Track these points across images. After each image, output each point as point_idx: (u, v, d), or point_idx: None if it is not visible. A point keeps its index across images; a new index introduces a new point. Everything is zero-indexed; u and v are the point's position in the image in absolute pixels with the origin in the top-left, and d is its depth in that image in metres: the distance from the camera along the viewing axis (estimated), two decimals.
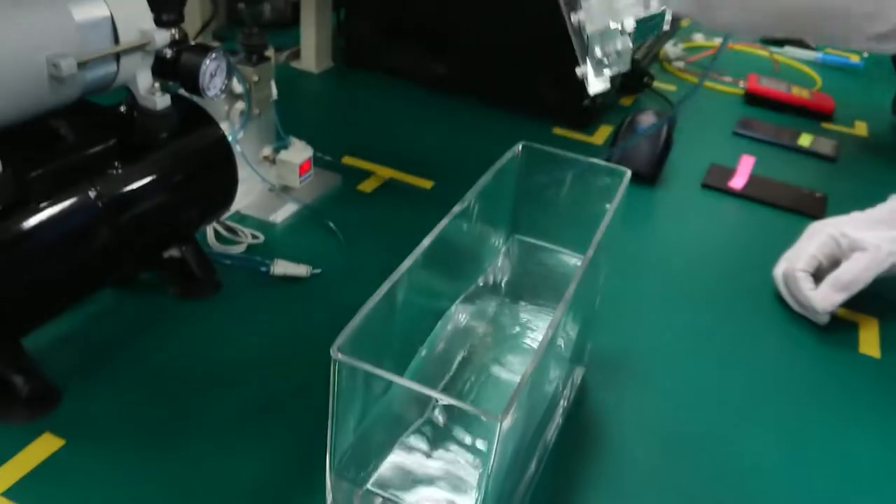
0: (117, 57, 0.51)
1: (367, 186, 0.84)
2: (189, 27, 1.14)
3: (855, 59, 1.43)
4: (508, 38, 1.03)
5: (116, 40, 0.51)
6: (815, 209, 0.89)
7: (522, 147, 0.55)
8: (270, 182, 0.79)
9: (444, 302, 0.55)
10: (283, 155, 0.78)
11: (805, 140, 1.06)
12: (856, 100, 1.26)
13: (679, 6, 0.23)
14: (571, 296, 0.42)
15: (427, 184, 0.86)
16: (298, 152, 0.78)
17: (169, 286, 0.65)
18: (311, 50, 1.12)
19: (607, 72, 0.39)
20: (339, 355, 0.33)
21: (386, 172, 0.87)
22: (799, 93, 1.18)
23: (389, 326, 0.42)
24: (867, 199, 0.76)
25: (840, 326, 0.70)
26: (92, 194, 0.52)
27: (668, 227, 0.86)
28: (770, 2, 0.23)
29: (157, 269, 0.65)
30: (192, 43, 0.60)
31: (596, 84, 0.49)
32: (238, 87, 0.73)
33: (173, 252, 0.64)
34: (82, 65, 0.48)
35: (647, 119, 0.91)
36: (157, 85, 0.55)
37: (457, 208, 0.49)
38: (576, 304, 0.45)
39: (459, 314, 0.56)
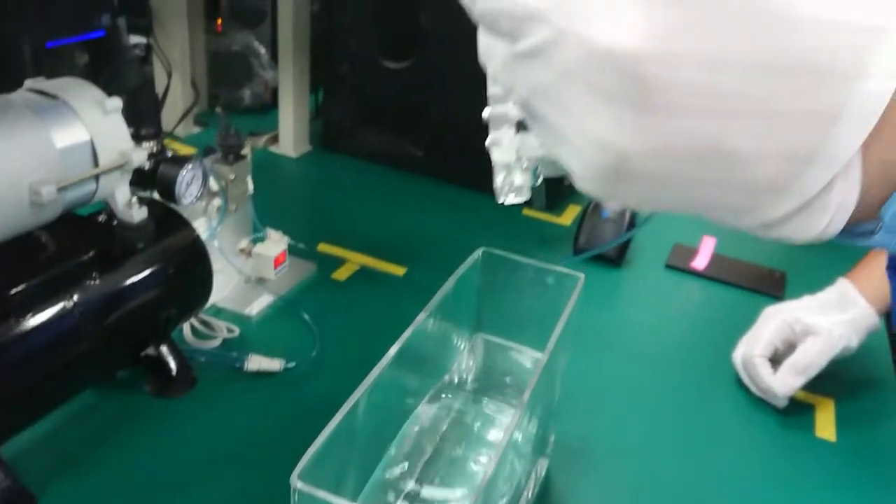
0: (97, 176, 0.54)
1: (342, 275, 0.87)
2: (172, 112, 1.18)
3: None
4: (478, 121, 1.07)
5: (96, 162, 0.54)
6: (775, 288, 0.92)
7: (482, 253, 0.58)
8: (246, 274, 0.81)
9: (411, 400, 0.58)
10: (258, 248, 0.80)
11: None
12: None
13: (584, 186, 0.25)
14: (527, 399, 0.44)
15: (400, 270, 0.88)
16: (274, 244, 0.81)
17: (145, 384, 0.66)
18: (289, 134, 1.16)
19: (507, 198, 0.39)
20: (299, 484, 0.35)
21: (360, 259, 0.90)
22: None
23: (352, 441, 0.44)
24: (824, 276, 0.80)
25: (798, 409, 0.73)
26: (70, 305, 0.54)
27: (632, 309, 0.89)
28: (668, 201, 0.25)
29: (133, 367, 0.67)
30: (170, 154, 0.63)
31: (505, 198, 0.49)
32: (215, 186, 0.76)
33: (149, 350, 0.66)
34: (63, 189, 0.51)
35: (611, 204, 0.95)
36: (134, 199, 0.58)
37: (421, 316, 0.52)
38: (536, 400, 0.48)
39: (425, 412, 0.58)
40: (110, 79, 1.14)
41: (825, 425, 0.71)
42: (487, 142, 0.33)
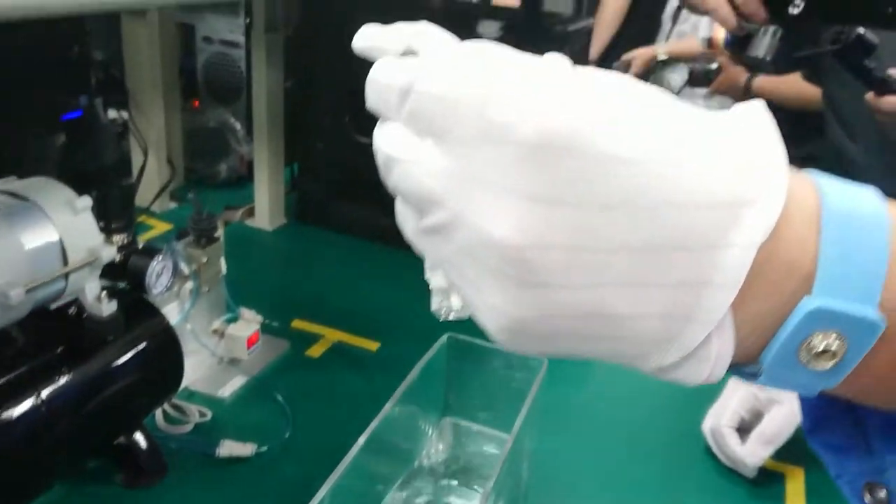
0: (66, 274, 0.55)
1: (315, 351, 0.88)
2: (148, 189, 1.20)
3: None
4: None
5: (65, 261, 0.55)
6: None
7: (447, 338, 0.59)
8: (219, 355, 0.82)
9: (381, 487, 0.58)
10: (231, 329, 0.81)
11: None
12: None
13: (493, 339, 0.28)
14: (492, 485, 0.45)
15: (373, 346, 0.89)
16: (247, 325, 0.82)
17: (116, 473, 0.66)
18: (265, 208, 1.18)
19: (448, 317, 0.41)
20: None
21: (334, 335, 0.91)
22: None
23: None
24: None
25: (768, 479, 0.74)
26: (38, 402, 0.55)
27: (600, 381, 0.90)
28: (569, 353, 0.27)
29: (104, 457, 0.67)
30: (139, 246, 0.65)
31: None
32: (186, 269, 0.77)
33: (121, 438, 0.66)
34: (32, 290, 0.51)
35: None
36: (103, 294, 0.59)
37: (388, 405, 0.53)
38: (502, 485, 0.48)
39: (395, 500, 0.58)
40: (87, 159, 1.16)
41: (795, 495, 0.72)
42: (426, 269, 0.35)
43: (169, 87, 1.20)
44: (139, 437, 0.66)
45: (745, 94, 1.77)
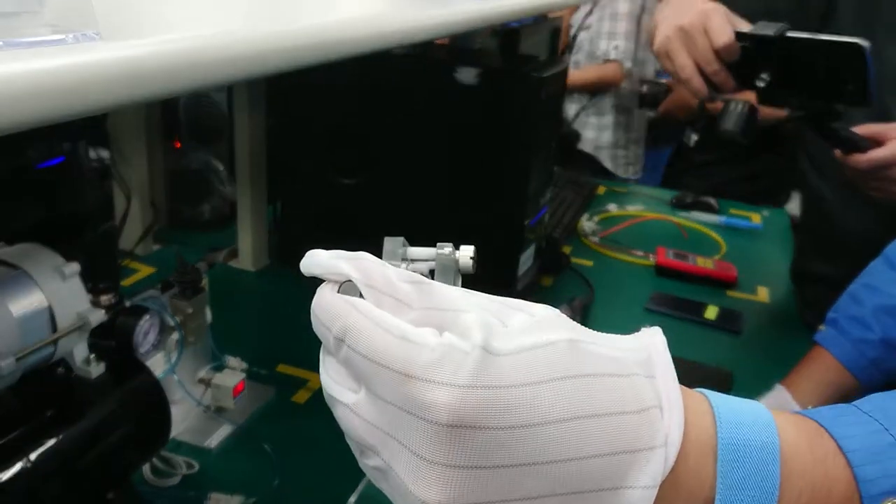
0: (55, 340, 0.56)
1: (301, 398, 0.89)
2: (132, 232, 1.20)
3: (756, 220, 1.57)
4: (433, 235, 1.11)
5: (54, 328, 0.55)
6: (722, 386, 0.96)
7: None
8: (205, 405, 0.82)
9: None
10: (217, 379, 0.82)
11: (711, 313, 1.14)
12: (757, 263, 1.37)
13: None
14: None
15: None
16: (232, 374, 0.83)
17: None
18: (248, 249, 1.18)
19: None
20: None
21: (319, 381, 0.91)
22: (703, 263, 1.28)
23: None
24: (770, 373, 0.83)
25: None
26: (28, 466, 0.55)
27: None
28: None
29: None
30: (127, 304, 0.65)
31: None
32: (171, 321, 0.78)
33: (111, 495, 0.66)
34: (21, 358, 0.52)
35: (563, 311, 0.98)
36: (92, 356, 0.60)
37: None
38: None
39: None
40: (70, 203, 1.16)
41: None
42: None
43: (151, 128, 1.21)
44: (125, 495, 0.66)
45: (699, 114, 1.81)
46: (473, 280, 0.35)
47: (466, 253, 0.36)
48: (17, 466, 0.55)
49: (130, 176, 1.17)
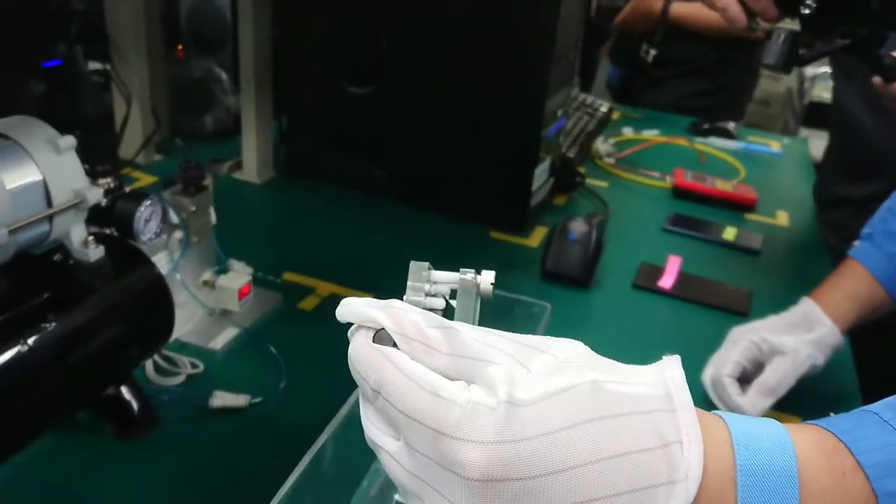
0: (51, 217, 0.53)
1: (308, 304, 0.86)
2: (132, 141, 1.16)
3: (775, 147, 1.52)
4: (446, 146, 1.07)
5: (49, 202, 0.52)
6: (741, 306, 0.93)
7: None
8: (210, 307, 0.80)
9: None
10: (221, 280, 0.79)
11: (730, 234, 1.11)
12: (777, 188, 1.33)
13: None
14: None
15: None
16: (237, 277, 0.80)
17: (106, 425, 0.65)
18: (253, 161, 1.15)
19: None
20: None
21: (326, 288, 0.89)
22: (723, 186, 1.25)
23: (321, 479, 0.43)
24: (789, 294, 0.80)
25: None
26: (25, 350, 0.53)
27: (600, 331, 0.89)
28: None
29: (93, 409, 0.65)
30: (127, 190, 0.62)
31: None
32: (175, 218, 0.75)
33: (110, 390, 0.64)
34: (14, 231, 0.49)
35: (577, 226, 0.95)
36: (90, 238, 0.56)
37: None
38: None
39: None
40: (68, 108, 1.12)
41: None
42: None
43: (152, 35, 1.15)
44: (128, 390, 0.64)
45: (661, 20, 1.75)
46: (487, 196, 0.34)
47: (487, 278, 0.38)
48: (14, 350, 0.52)
49: (131, 82, 1.13)
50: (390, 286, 0.44)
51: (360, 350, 0.33)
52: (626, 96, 1.88)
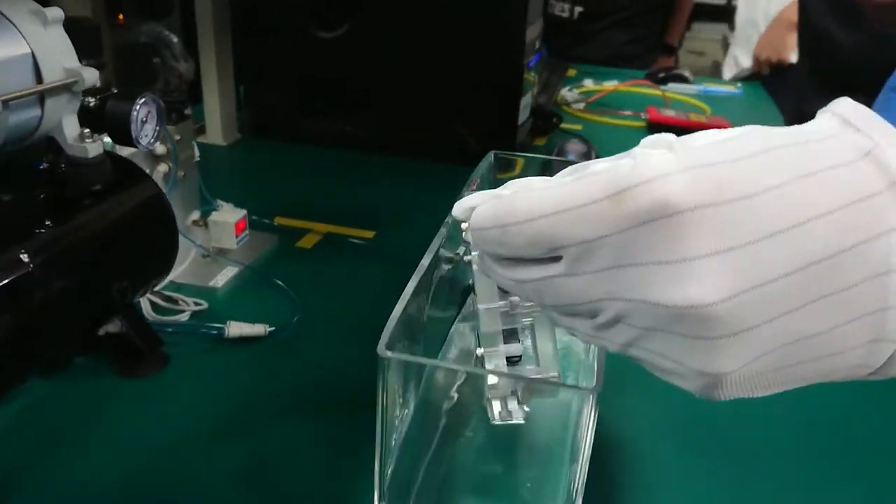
0: (41, 100, 0.46)
1: (307, 242, 0.80)
2: None
3: (732, 88, 1.53)
4: (427, 86, 1.02)
5: (40, 80, 0.45)
6: None
7: (493, 155, 0.53)
8: (204, 248, 0.72)
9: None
10: (215, 216, 0.72)
11: None
12: (746, 121, 1.33)
13: (699, 392, 0.27)
14: None
15: (368, 234, 0.82)
16: (231, 212, 0.73)
17: (111, 366, 0.57)
18: (217, 122, 1.07)
19: (503, 421, 0.37)
20: (388, 353, 0.29)
21: (322, 228, 0.83)
22: (697, 118, 1.24)
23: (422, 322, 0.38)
24: None
25: None
26: (25, 257, 0.45)
27: None
28: (779, 379, 0.27)
29: (94, 351, 0.57)
30: (115, 91, 0.55)
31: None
32: (159, 149, 0.68)
33: (110, 328, 0.57)
34: (5, 104, 0.42)
35: (574, 147, 0.92)
36: (86, 131, 0.49)
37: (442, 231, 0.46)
38: None
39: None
40: None
41: None
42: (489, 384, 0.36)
43: (90, 2, 1.07)
44: (131, 321, 0.57)
45: None
46: (474, 133, 0.31)
47: None
48: (12, 255, 0.45)
49: None
50: (394, 223, 0.40)
51: (479, 208, 0.30)
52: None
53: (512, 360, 0.38)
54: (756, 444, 0.53)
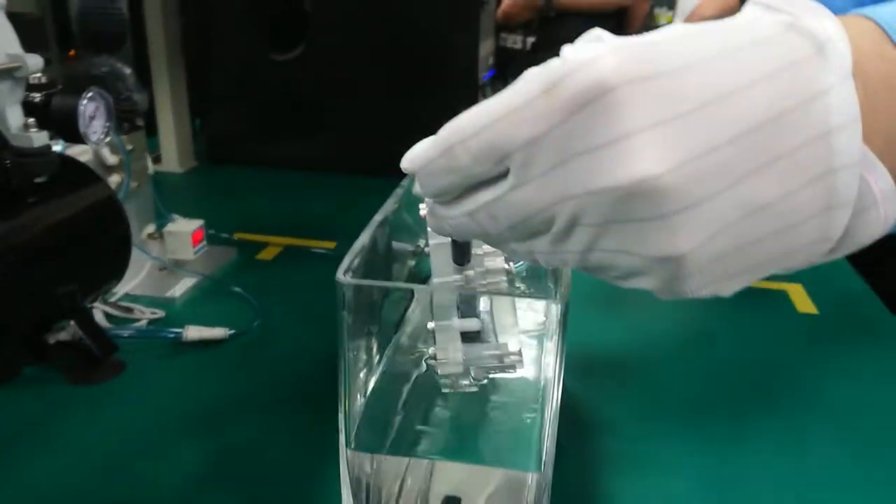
0: None
1: (267, 255, 0.78)
2: None
3: None
4: (384, 105, 1.03)
5: None
6: None
7: None
8: (160, 259, 0.70)
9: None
10: (170, 227, 0.71)
11: None
12: None
13: (669, 296, 0.27)
14: None
15: (330, 244, 0.80)
16: (187, 223, 0.71)
17: (63, 374, 0.54)
18: (173, 149, 1.06)
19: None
20: (345, 277, 0.28)
21: (283, 241, 0.81)
22: None
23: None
24: None
25: (771, 295, 0.71)
26: None
27: None
28: (742, 272, 0.26)
29: (43, 362, 0.55)
30: (60, 87, 0.54)
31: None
32: (111, 159, 0.66)
33: (62, 336, 0.54)
34: None
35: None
36: (31, 120, 0.48)
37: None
38: None
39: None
40: None
41: (802, 303, 0.70)
42: (434, 353, 0.37)
43: (47, 41, 1.06)
44: (83, 325, 0.54)
45: (547, 5, 1.82)
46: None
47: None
48: None
49: None
50: (352, 235, 0.41)
51: (423, 144, 0.32)
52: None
53: (469, 336, 0.37)
54: (734, 426, 0.53)
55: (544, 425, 0.32)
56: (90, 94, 0.52)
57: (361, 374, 0.35)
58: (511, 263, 0.47)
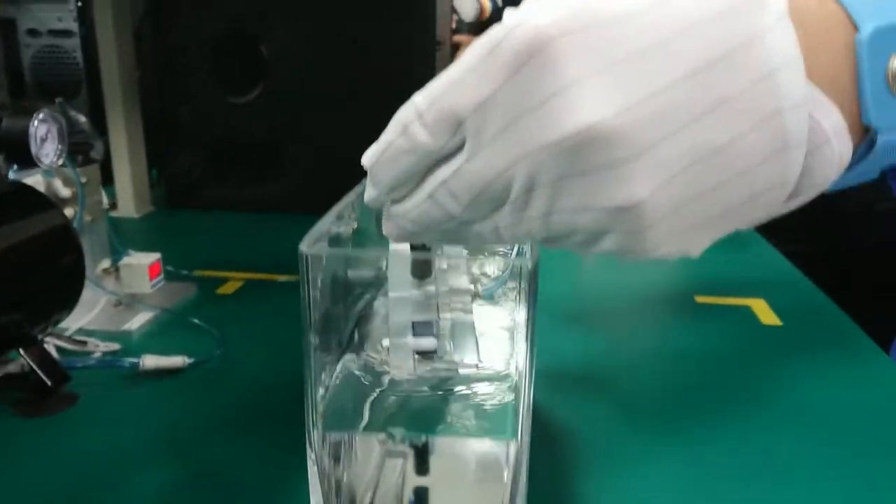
0: None
1: (228, 289, 0.76)
2: None
3: None
4: (347, 141, 1.03)
5: None
6: None
7: None
8: (116, 293, 0.68)
9: None
10: (126, 260, 0.69)
11: None
12: None
13: (638, 257, 0.27)
14: None
15: (292, 278, 0.79)
16: (144, 255, 0.70)
17: (11, 408, 0.52)
18: (128, 193, 1.04)
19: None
20: (307, 248, 0.27)
21: (244, 276, 0.80)
22: None
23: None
24: None
25: (736, 311, 0.72)
26: None
27: None
28: (706, 223, 0.27)
29: None
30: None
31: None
32: (63, 191, 0.65)
33: (9, 368, 0.52)
34: None
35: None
36: None
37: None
38: None
39: None
40: None
41: (766, 315, 0.70)
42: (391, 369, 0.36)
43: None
44: (33, 355, 0.52)
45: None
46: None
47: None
48: None
49: None
50: None
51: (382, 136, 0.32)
52: None
53: (426, 356, 0.37)
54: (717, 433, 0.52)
55: (519, 394, 0.31)
56: (41, 116, 0.51)
57: (327, 358, 0.34)
58: (478, 285, 0.47)
